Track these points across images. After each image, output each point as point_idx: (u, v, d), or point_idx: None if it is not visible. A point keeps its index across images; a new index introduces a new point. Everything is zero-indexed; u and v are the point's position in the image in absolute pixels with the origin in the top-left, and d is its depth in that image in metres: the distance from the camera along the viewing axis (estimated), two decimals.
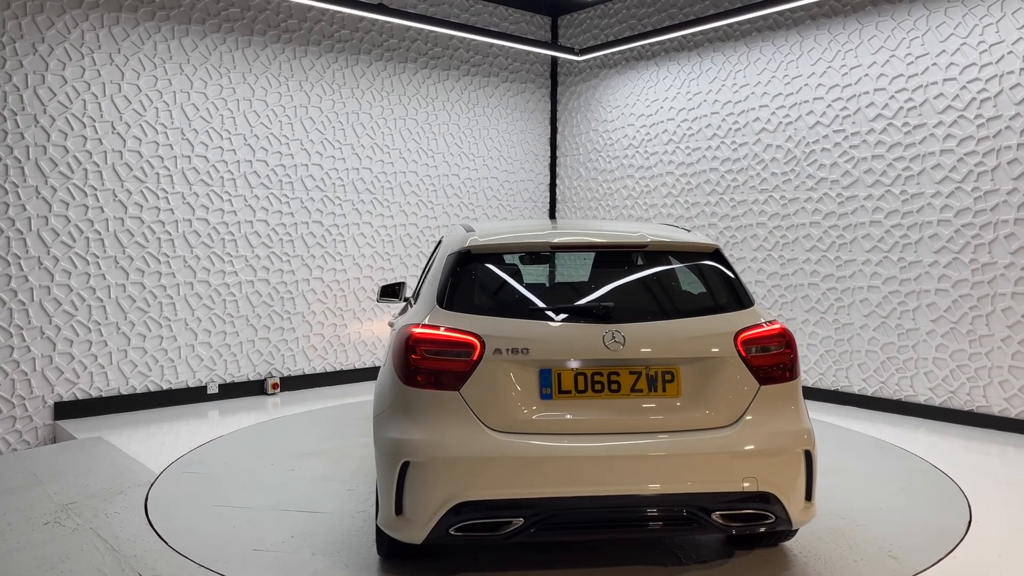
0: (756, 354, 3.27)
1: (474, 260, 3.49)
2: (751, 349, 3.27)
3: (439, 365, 3.16)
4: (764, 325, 3.35)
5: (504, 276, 3.58)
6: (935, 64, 6.36)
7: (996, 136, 6.03)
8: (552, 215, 9.96)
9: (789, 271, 7.39)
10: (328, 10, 7.73)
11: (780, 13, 7.37)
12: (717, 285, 3.56)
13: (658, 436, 3.13)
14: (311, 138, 7.72)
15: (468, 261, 3.48)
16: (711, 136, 8.03)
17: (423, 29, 8.42)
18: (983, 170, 6.11)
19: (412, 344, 3.20)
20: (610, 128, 9.16)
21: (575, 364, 3.17)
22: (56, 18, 6.24)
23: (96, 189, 6.45)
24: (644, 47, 8.71)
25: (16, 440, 6.16)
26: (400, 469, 3.09)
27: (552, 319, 3.28)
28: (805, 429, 3.27)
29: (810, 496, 3.25)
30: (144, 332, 6.73)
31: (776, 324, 3.38)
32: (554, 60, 9.82)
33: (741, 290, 3.54)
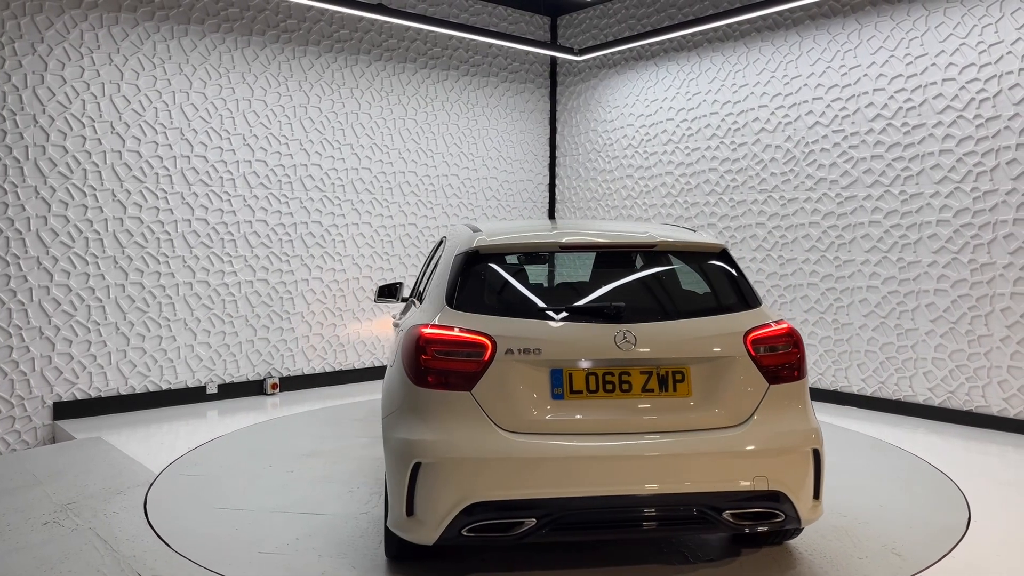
0: (765, 353, 3.29)
1: (482, 260, 3.48)
2: (760, 349, 3.29)
3: (450, 365, 3.15)
4: (772, 325, 3.37)
5: (513, 276, 3.57)
6: (934, 64, 6.37)
7: (995, 136, 6.03)
8: (551, 215, 9.96)
9: (788, 271, 7.39)
10: (327, 10, 7.73)
11: (779, 13, 7.37)
12: (725, 285, 3.57)
13: (669, 436, 3.14)
14: (310, 138, 7.72)
15: (476, 261, 3.47)
16: (710, 136, 8.04)
17: (422, 29, 8.42)
18: (982, 170, 6.11)
19: (422, 344, 3.19)
20: (609, 128, 9.16)
21: (586, 364, 3.17)
22: (55, 18, 6.24)
23: (95, 189, 6.45)
24: (643, 47, 8.71)
25: (15, 440, 6.16)
26: (411, 470, 3.07)
27: (563, 319, 3.27)
28: (813, 428, 3.30)
29: (818, 495, 3.27)
30: (143, 332, 6.73)
31: (784, 324, 3.40)
32: (553, 60, 9.83)
33: (748, 290, 3.55)
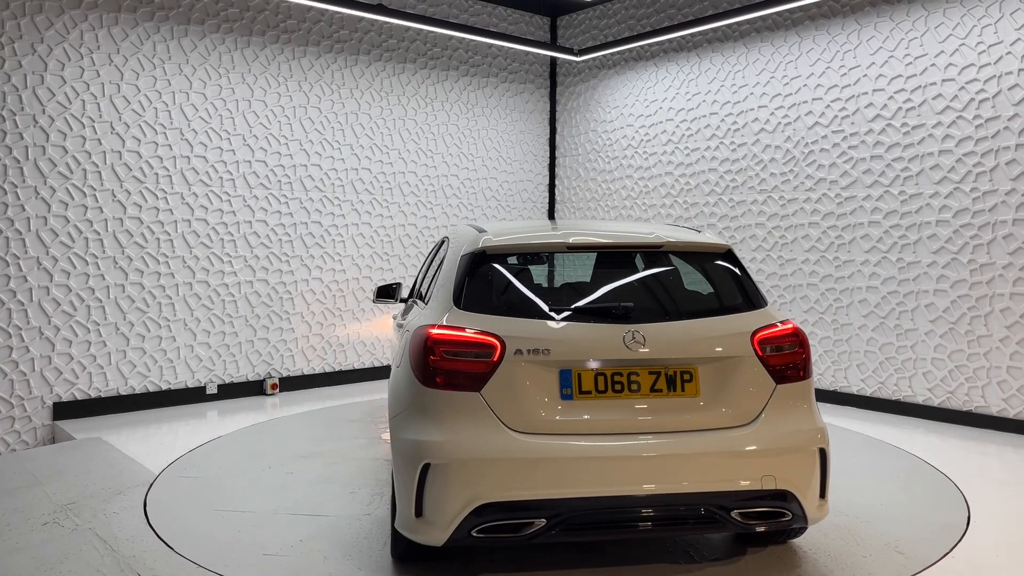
0: (772, 353, 3.30)
1: (490, 260, 3.48)
2: (767, 348, 3.30)
3: (459, 366, 3.14)
4: (779, 325, 3.39)
5: (521, 276, 3.57)
6: (934, 65, 6.37)
7: (994, 137, 6.04)
8: (551, 216, 9.96)
9: (788, 271, 7.39)
10: (327, 10, 7.73)
11: (779, 14, 7.37)
12: (731, 285, 3.58)
13: (679, 436, 3.14)
14: (310, 138, 7.72)
15: (484, 261, 3.47)
16: (710, 137, 8.04)
17: (422, 29, 8.42)
18: (981, 171, 6.11)
19: (430, 345, 3.18)
20: (609, 128, 9.16)
21: (595, 364, 3.18)
22: (55, 18, 6.24)
23: (95, 189, 6.45)
24: (643, 48, 8.71)
25: (15, 440, 6.16)
26: (421, 471, 3.07)
27: (571, 320, 3.28)
28: (819, 428, 3.31)
29: (824, 493, 3.29)
30: (143, 332, 6.73)
31: (790, 324, 3.42)
32: (553, 60, 9.83)
33: (754, 290, 3.57)
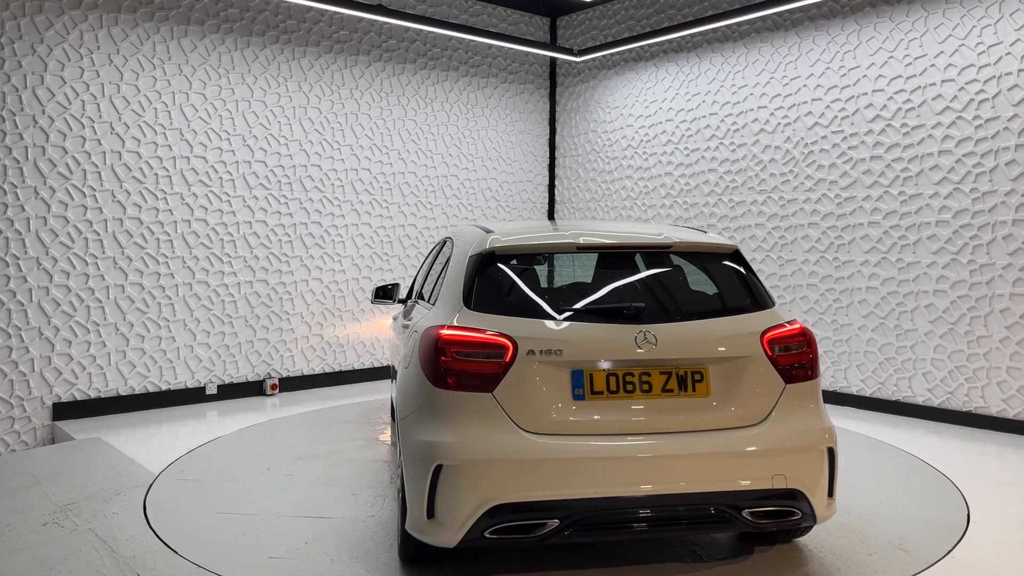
0: (781, 353, 3.32)
1: (499, 261, 3.48)
2: (776, 348, 3.32)
3: (471, 367, 3.13)
4: (787, 325, 3.41)
5: (530, 276, 3.58)
6: (933, 65, 6.37)
7: (994, 137, 6.04)
8: (551, 216, 9.96)
9: (788, 272, 7.39)
10: (327, 11, 7.73)
11: (779, 14, 7.38)
12: (739, 285, 3.60)
13: (690, 435, 3.15)
14: (310, 139, 7.72)
15: (493, 262, 3.47)
16: (710, 137, 8.04)
17: (422, 30, 8.43)
18: (981, 171, 6.12)
19: (441, 346, 3.17)
20: (609, 129, 9.16)
21: (606, 365, 3.18)
22: (55, 19, 6.24)
23: (95, 190, 6.45)
24: (643, 48, 8.71)
25: (15, 441, 6.15)
26: (433, 472, 3.05)
27: (583, 320, 3.28)
28: (828, 427, 3.34)
29: (832, 492, 3.31)
30: (143, 333, 6.73)
31: (797, 323, 3.45)
32: (553, 61, 9.83)
33: (762, 290, 3.59)
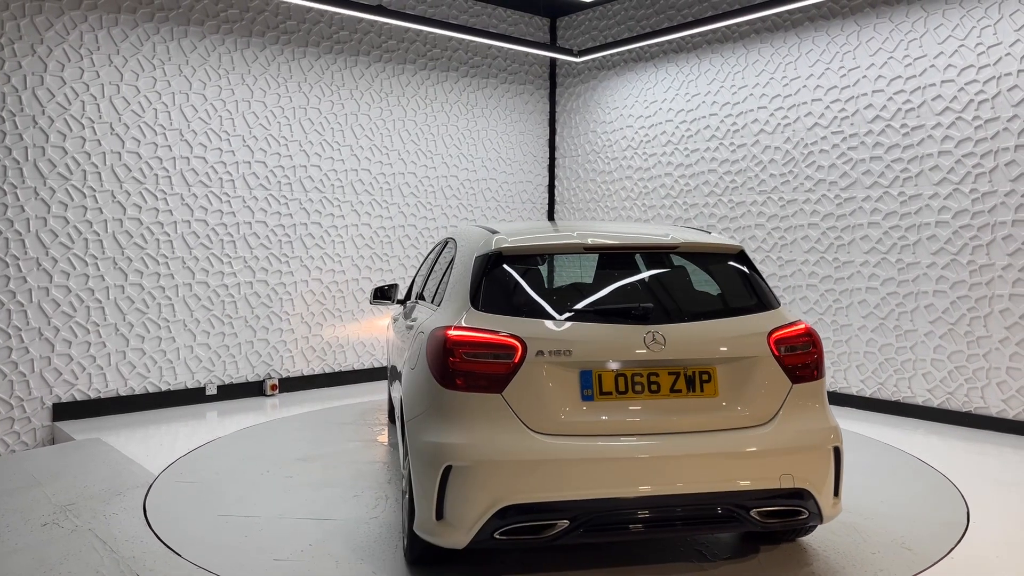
0: (787, 353, 3.34)
1: (506, 261, 3.48)
2: (783, 348, 3.34)
3: (480, 368, 3.13)
4: (793, 325, 3.44)
5: (537, 277, 3.58)
6: (933, 66, 6.37)
7: (994, 138, 6.04)
8: (551, 217, 9.97)
9: (787, 272, 7.40)
10: (327, 11, 7.73)
11: (779, 15, 7.38)
12: (744, 286, 3.61)
13: (698, 436, 3.16)
14: (310, 139, 7.72)
15: (500, 262, 3.47)
16: (709, 138, 8.04)
17: (422, 30, 8.43)
18: (981, 172, 6.12)
19: (450, 347, 3.17)
20: (609, 129, 9.16)
21: (615, 365, 3.18)
22: (55, 19, 6.24)
23: (95, 190, 6.45)
24: (643, 49, 8.72)
25: (14, 441, 6.15)
26: (442, 473, 3.05)
27: (591, 320, 3.28)
28: (833, 426, 3.36)
29: (838, 492, 3.33)
30: (143, 333, 6.73)
31: (802, 324, 3.46)
32: (553, 61, 9.83)
33: (767, 291, 3.61)
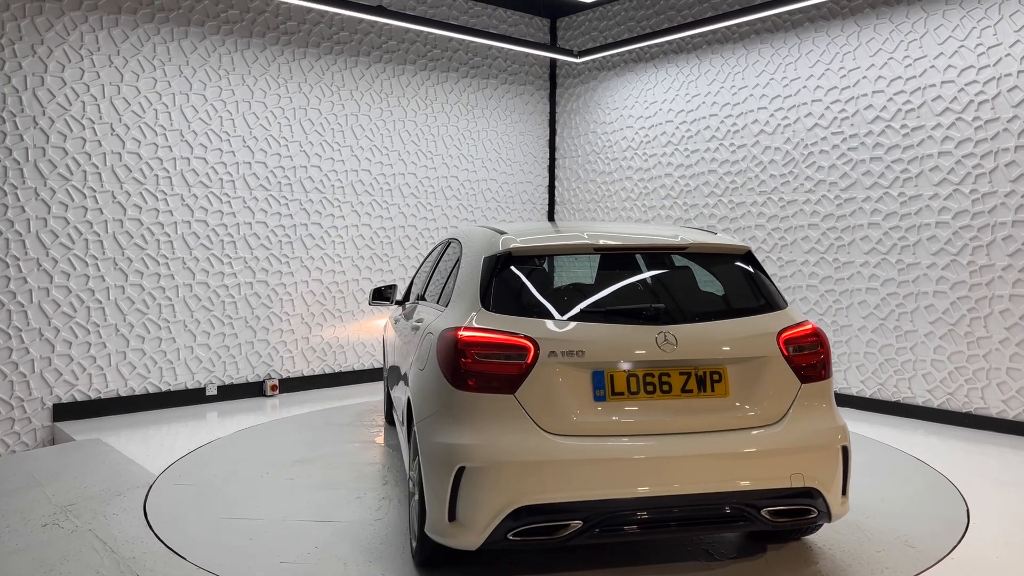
0: (796, 353, 3.35)
1: (516, 262, 3.48)
2: (791, 348, 3.35)
3: (493, 368, 3.13)
4: (801, 325, 3.44)
5: (546, 278, 3.58)
6: (933, 67, 6.37)
7: (994, 138, 6.04)
8: (551, 217, 9.97)
9: (787, 273, 7.39)
10: (327, 12, 7.74)
11: (779, 16, 7.38)
12: (752, 286, 3.62)
13: (709, 436, 3.17)
14: (310, 140, 7.73)
15: (509, 263, 3.47)
16: (709, 138, 8.05)
17: (422, 31, 8.43)
18: (981, 172, 6.12)
19: (461, 347, 3.17)
20: (609, 130, 9.16)
21: (626, 366, 3.19)
22: (55, 20, 6.24)
23: (95, 191, 6.45)
24: (643, 49, 8.72)
25: (15, 442, 6.15)
26: (455, 474, 3.04)
27: (603, 321, 3.29)
28: (841, 426, 3.37)
29: (846, 490, 3.34)
30: (143, 334, 6.73)
31: (809, 324, 3.47)
32: (553, 62, 9.83)
33: (775, 291, 3.61)
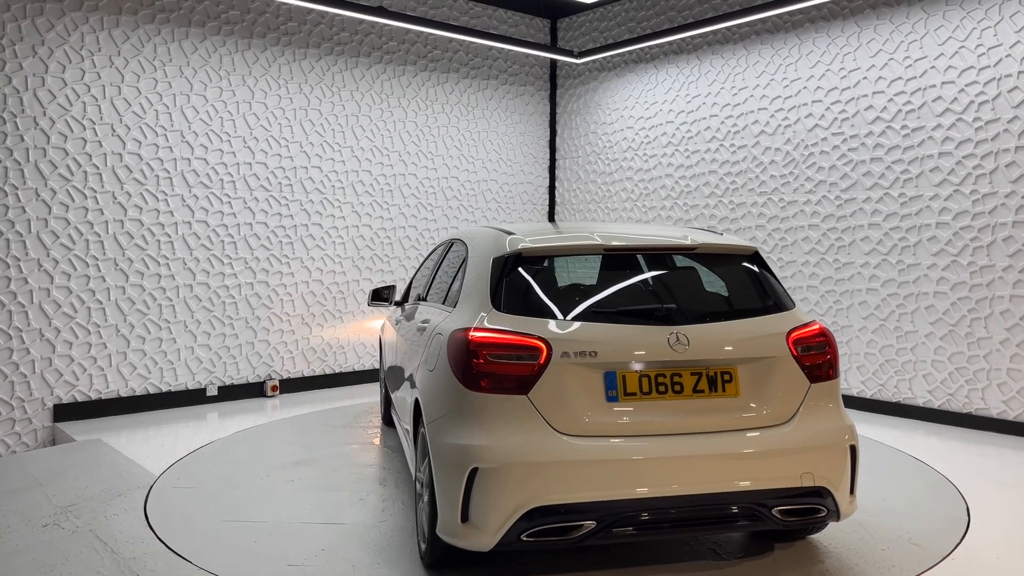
0: (804, 353, 3.37)
1: (525, 262, 3.49)
2: (800, 348, 3.37)
3: (505, 369, 3.13)
4: (808, 325, 3.46)
5: (556, 278, 3.59)
6: (933, 67, 6.38)
7: (994, 139, 6.04)
8: (551, 218, 9.97)
9: (788, 274, 7.39)
10: (328, 12, 7.74)
11: (779, 16, 7.38)
12: (761, 287, 3.63)
13: (721, 435, 3.18)
14: (310, 140, 7.73)
15: (519, 263, 3.47)
16: (710, 139, 8.05)
17: (422, 32, 8.43)
18: (981, 173, 6.12)
19: (473, 348, 3.17)
20: (609, 131, 9.17)
21: (639, 366, 3.19)
22: (56, 20, 6.25)
23: (96, 191, 6.45)
24: (643, 50, 8.72)
25: (15, 442, 6.16)
26: (468, 476, 3.04)
27: (614, 321, 3.30)
28: (849, 425, 3.39)
29: (854, 489, 3.36)
30: (143, 334, 6.74)
31: (816, 324, 3.49)
32: (553, 63, 9.84)
33: (782, 292, 3.63)
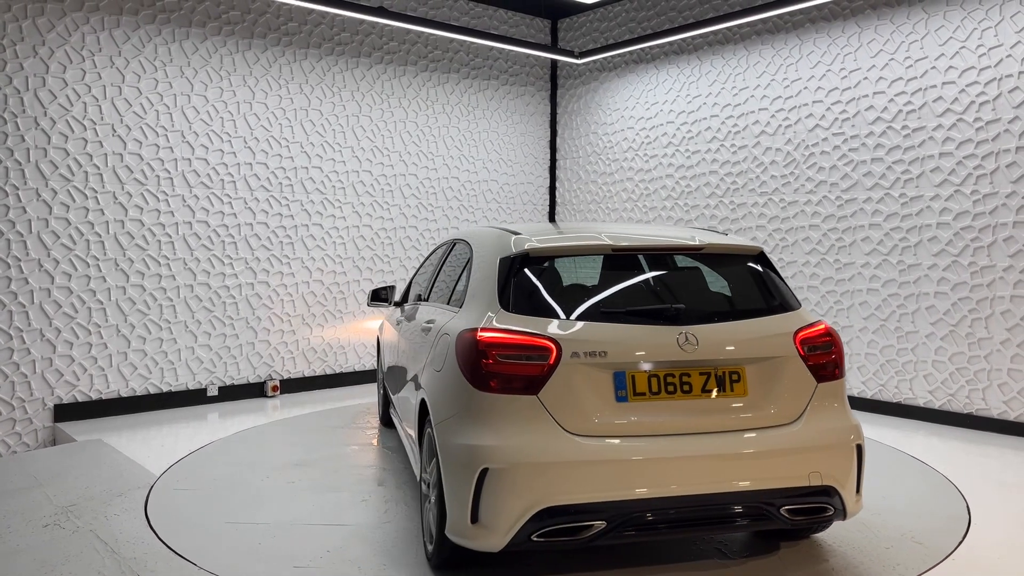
0: (811, 353, 3.38)
1: (532, 263, 3.49)
2: (807, 348, 3.38)
3: (515, 369, 3.13)
4: (814, 325, 3.47)
5: (563, 278, 3.59)
6: (934, 67, 6.37)
7: (995, 139, 6.04)
8: (552, 218, 9.97)
9: (788, 274, 7.39)
10: (328, 13, 7.74)
11: (779, 16, 7.38)
12: (767, 287, 3.64)
13: (729, 435, 3.19)
14: (311, 141, 7.73)
15: (526, 264, 3.47)
16: (710, 139, 8.05)
17: (423, 32, 8.44)
18: (982, 173, 6.12)
19: (482, 348, 3.17)
20: (610, 131, 9.17)
21: (648, 366, 3.20)
22: (57, 21, 6.25)
23: (96, 192, 6.46)
24: (644, 50, 8.72)
25: (16, 443, 6.16)
26: (478, 476, 3.04)
27: (623, 321, 3.30)
28: (855, 424, 3.40)
29: (859, 488, 3.37)
30: (144, 334, 6.74)
31: (822, 324, 3.50)
32: (554, 63, 9.84)
33: (788, 292, 3.64)
